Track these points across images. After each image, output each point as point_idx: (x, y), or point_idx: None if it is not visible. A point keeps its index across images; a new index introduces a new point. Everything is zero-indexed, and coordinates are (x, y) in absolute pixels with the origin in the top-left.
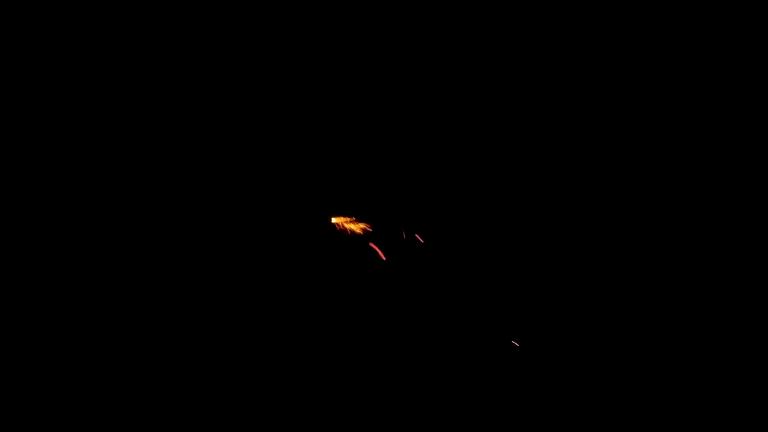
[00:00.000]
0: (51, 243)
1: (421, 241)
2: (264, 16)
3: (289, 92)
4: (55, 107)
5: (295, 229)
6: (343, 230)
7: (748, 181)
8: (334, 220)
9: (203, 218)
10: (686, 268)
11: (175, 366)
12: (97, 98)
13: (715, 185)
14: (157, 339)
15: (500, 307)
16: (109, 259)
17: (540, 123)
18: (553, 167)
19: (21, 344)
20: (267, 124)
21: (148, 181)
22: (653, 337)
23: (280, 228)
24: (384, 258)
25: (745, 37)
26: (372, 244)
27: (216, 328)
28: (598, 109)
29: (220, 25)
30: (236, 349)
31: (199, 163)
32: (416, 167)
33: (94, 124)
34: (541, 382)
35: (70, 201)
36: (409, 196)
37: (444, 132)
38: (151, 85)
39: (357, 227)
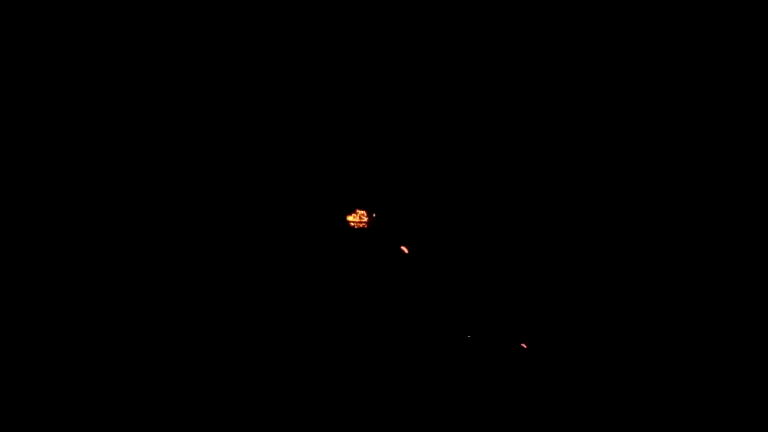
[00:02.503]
0: (51, 243)
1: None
2: (264, 16)
3: (290, 94)
4: (56, 107)
5: (295, 230)
6: (349, 229)
7: (748, 181)
8: (349, 218)
9: (207, 219)
10: (686, 268)
11: (175, 366)
12: (97, 98)
13: (714, 185)
14: (157, 339)
15: (501, 307)
16: (110, 259)
17: (540, 123)
18: (553, 167)
19: (21, 344)
20: (269, 125)
21: (153, 181)
22: (653, 337)
23: (282, 228)
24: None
25: (745, 37)
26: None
27: (217, 328)
28: (597, 109)
29: (221, 26)
30: (236, 349)
31: (202, 164)
32: (418, 167)
33: (94, 125)
34: (542, 382)
35: (70, 201)
36: (411, 196)
37: (446, 132)
38: (154, 86)
39: (358, 219)
